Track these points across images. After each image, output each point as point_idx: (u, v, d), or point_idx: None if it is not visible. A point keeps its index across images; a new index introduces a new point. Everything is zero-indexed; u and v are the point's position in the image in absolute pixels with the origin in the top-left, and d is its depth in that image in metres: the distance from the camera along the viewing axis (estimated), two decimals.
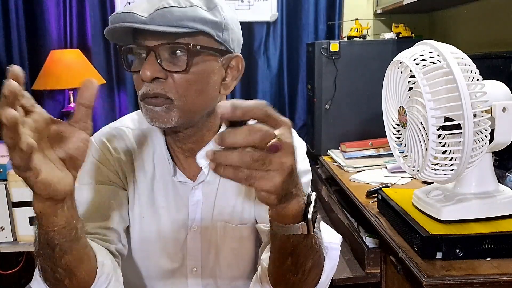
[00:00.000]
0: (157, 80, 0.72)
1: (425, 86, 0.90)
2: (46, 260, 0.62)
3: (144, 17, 0.68)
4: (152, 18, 0.68)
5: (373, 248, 1.38)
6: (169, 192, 0.86)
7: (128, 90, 2.28)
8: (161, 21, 0.68)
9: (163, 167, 0.86)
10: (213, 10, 0.74)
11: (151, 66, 0.71)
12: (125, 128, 0.88)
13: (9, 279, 2.13)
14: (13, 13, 2.16)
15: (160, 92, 0.72)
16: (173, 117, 0.74)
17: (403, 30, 2.02)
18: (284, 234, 0.58)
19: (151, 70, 0.70)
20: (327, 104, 1.98)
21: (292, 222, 0.56)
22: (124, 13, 0.69)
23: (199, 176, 0.85)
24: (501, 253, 0.95)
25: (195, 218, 0.86)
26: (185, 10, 0.70)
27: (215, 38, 0.74)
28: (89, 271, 0.66)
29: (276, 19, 2.24)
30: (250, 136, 0.45)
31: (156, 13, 0.68)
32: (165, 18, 0.69)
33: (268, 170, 0.47)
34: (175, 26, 0.69)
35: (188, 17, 0.70)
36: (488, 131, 0.92)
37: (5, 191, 1.87)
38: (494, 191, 1.03)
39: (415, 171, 1.01)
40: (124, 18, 0.69)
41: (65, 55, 2.04)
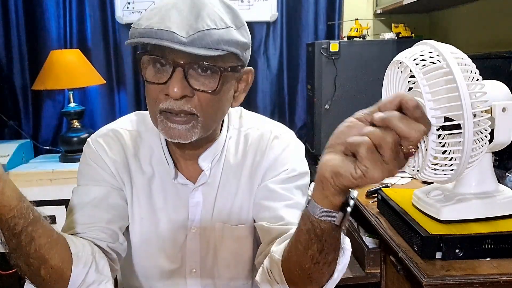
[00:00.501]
0: (184, 97, 0.71)
1: (425, 86, 0.90)
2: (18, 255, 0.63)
3: (184, 37, 0.67)
4: (192, 40, 0.67)
5: (373, 248, 1.38)
6: (169, 193, 0.86)
7: (127, 90, 2.28)
8: (199, 44, 0.67)
9: (162, 169, 0.85)
10: (240, 29, 0.74)
11: (179, 83, 0.69)
12: (121, 129, 0.88)
13: (9, 279, 2.13)
14: (13, 13, 2.16)
15: (187, 109, 0.71)
16: (195, 134, 0.74)
17: (403, 30, 2.02)
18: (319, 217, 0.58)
19: (180, 87, 0.69)
20: (327, 104, 1.98)
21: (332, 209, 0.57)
22: (162, 30, 0.67)
23: (200, 178, 0.85)
24: (501, 253, 0.95)
25: (195, 219, 0.86)
26: (221, 33, 0.69)
27: (240, 58, 0.75)
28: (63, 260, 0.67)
29: (276, 19, 2.24)
30: (408, 129, 0.47)
31: (197, 35, 0.67)
32: (204, 41, 0.68)
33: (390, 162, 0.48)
34: (212, 49, 0.68)
35: (224, 41, 0.69)
36: (488, 131, 0.92)
37: None
38: (494, 191, 1.03)
39: (415, 171, 1.01)
40: (161, 35, 0.67)
41: (65, 55, 2.03)
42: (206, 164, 0.84)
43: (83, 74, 2.03)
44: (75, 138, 2.02)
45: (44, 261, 0.64)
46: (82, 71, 2.03)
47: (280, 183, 0.85)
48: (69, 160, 2.00)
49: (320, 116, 2.01)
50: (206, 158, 0.84)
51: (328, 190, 0.55)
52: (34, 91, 2.17)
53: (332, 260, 0.66)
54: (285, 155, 0.87)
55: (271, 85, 2.32)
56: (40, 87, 2.00)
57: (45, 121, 2.28)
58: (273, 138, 0.88)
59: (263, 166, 0.87)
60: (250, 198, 0.87)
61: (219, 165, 0.86)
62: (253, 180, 0.87)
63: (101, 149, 0.85)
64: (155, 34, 0.67)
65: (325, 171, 0.53)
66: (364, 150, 0.48)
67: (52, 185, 1.84)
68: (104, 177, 0.84)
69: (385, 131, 0.47)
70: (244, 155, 0.88)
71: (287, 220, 0.80)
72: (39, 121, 2.27)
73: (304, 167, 0.89)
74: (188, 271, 0.88)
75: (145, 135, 0.87)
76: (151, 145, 0.86)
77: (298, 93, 2.34)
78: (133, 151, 0.86)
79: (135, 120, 0.90)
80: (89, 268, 0.71)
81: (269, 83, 2.31)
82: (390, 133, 0.47)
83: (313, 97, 2.03)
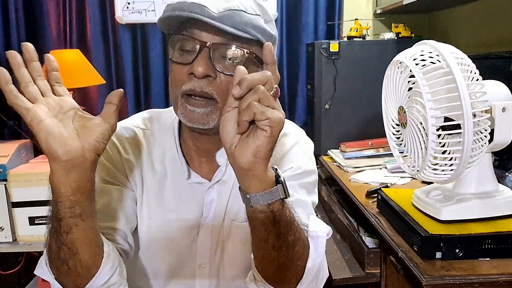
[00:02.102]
0: (207, 78, 0.71)
1: (425, 86, 0.90)
2: (53, 235, 0.64)
3: (214, 13, 0.68)
4: (221, 16, 0.68)
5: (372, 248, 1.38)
6: (182, 193, 0.86)
7: (127, 90, 2.28)
8: (228, 22, 0.69)
9: (175, 168, 0.85)
10: (269, 23, 0.76)
11: (204, 62, 0.70)
12: (135, 128, 0.88)
13: (8, 279, 2.13)
14: (13, 13, 2.16)
15: (208, 91, 0.71)
16: (213, 119, 0.74)
17: (402, 30, 2.02)
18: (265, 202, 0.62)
19: (204, 66, 0.70)
20: (327, 104, 1.98)
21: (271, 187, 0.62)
22: (194, 3, 0.68)
23: (216, 175, 0.85)
24: (501, 253, 0.95)
25: (208, 216, 0.86)
26: (251, 17, 0.71)
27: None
28: (93, 256, 0.67)
29: (276, 19, 2.24)
30: (262, 78, 0.58)
31: (227, 13, 0.69)
32: (233, 20, 0.69)
33: (274, 108, 0.58)
34: (241, 30, 0.70)
35: (253, 25, 0.71)
36: (488, 131, 0.92)
37: (5, 191, 1.86)
38: (494, 191, 1.03)
39: (414, 171, 1.01)
40: (193, 8, 0.68)
41: (65, 55, 2.03)
42: (223, 160, 0.84)
43: (83, 74, 2.03)
44: None
45: (74, 254, 0.65)
46: (82, 71, 2.03)
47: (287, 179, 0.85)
48: None
49: (320, 116, 2.01)
50: (223, 154, 0.83)
51: (258, 170, 0.60)
52: None
53: (294, 241, 0.68)
54: (292, 152, 0.87)
55: None
56: None
57: None
58: (282, 135, 0.88)
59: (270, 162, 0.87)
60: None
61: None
62: None
63: (114, 147, 0.84)
64: (187, 7, 0.69)
65: (245, 159, 0.59)
66: (257, 106, 0.57)
67: None
68: (115, 175, 0.83)
69: (252, 91, 0.58)
70: None
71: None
72: None
73: (311, 165, 0.89)
74: (197, 266, 0.88)
75: (158, 134, 0.87)
76: (164, 145, 0.86)
77: (298, 93, 2.33)
78: (146, 150, 0.86)
79: (148, 118, 0.90)
80: (115, 270, 0.71)
81: None
82: (256, 90, 0.58)
83: (313, 97, 2.03)
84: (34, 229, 1.86)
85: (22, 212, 1.85)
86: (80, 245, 0.64)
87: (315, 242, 0.75)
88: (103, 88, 2.27)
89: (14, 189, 1.84)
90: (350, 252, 1.48)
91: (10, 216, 1.88)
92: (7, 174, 1.85)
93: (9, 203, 1.87)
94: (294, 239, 0.68)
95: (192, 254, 0.87)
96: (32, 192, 1.84)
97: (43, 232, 0.68)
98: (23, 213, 1.85)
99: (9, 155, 1.92)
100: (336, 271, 1.37)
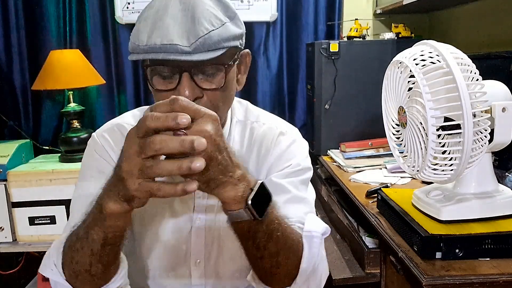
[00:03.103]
0: (196, 99, 0.73)
1: (425, 86, 0.90)
2: (87, 255, 0.66)
3: (187, 47, 0.69)
4: (195, 48, 0.69)
5: (372, 248, 1.38)
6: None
7: (127, 90, 2.28)
8: (202, 49, 0.70)
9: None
10: (234, 20, 0.76)
11: (189, 86, 0.71)
12: (126, 124, 0.90)
13: (8, 279, 2.13)
14: (13, 13, 2.16)
15: None
16: None
17: (402, 30, 2.02)
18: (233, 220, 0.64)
19: (190, 90, 0.71)
20: (326, 104, 1.98)
21: (236, 209, 0.62)
22: (165, 45, 0.69)
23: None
24: (501, 253, 0.95)
25: (200, 211, 0.88)
26: (220, 32, 0.71)
27: (239, 47, 0.78)
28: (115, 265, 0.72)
29: (276, 19, 2.24)
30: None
31: (199, 42, 0.69)
32: (206, 45, 0.70)
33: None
34: (214, 50, 0.71)
35: (224, 39, 0.72)
36: (488, 131, 0.92)
37: (5, 191, 1.87)
38: (494, 191, 1.03)
39: (414, 171, 1.01)
40: (165, 49, 0.69)
41: (65, 55, 2.03)
42: None
43: (83, 74, 2.03)
44: (75, 138, 2.01)
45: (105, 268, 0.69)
46: (82, 71, 2.03)
47: (285, 177, 0.86)
48: (69, 160, 1.99)
49: (320, 116, 2.01)
50: None
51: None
52: (34, 91, 2.17)
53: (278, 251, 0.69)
54: (290, 150, 0.89)
55: (271, 85, 2.32)
56: (40, 87, 2.00)
57: (45, 121, 2.28)
58: (279, 134, 0.90)
59: (268, 161, 0.89)
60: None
61: None
62: (258, 174, 0.88)
63: (107, 143, 0.86)
64: (159, 49, 0.69)
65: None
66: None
67: (52, 185, 1.83)
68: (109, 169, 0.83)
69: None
70: (249, 148, 0.90)
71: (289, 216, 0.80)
72: (39, 121, 2.27)
73: (308, 163, 0.91)
74: (192, 262, 0.89)
75: None
76: None
77: (298, 93, 2.33)
78: None
79: (139, 115, 0.92)
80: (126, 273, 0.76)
81: (269, 83, 2.31)
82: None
83: (313, 97, 2.03)
84: (34, 229, 1.86)
85: (22, 212, 1.86)
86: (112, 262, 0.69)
87: (309, 242, 0.76)
88: (103, 88, 2.27)
89: (14, 189, 1.84)
90: (350, 252, 1.47)
91: (10, 216, 1.88)
92: (7, 174, 1.85)
93: (9, 203, 1.87)
94: (277, 249, 0.69)
95: (187, 249, 0.88)
96: (32, 192, 1.84)
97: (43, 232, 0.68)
98: (23, 213, 1.86)
99: (9, 155, 1.92)
100: (336, 271, 1.37)
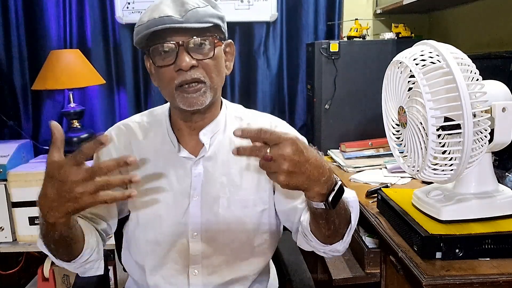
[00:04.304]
0: (192, 68, 0.88)
1: (425, 86, 0.90)
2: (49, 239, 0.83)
3: (179, 17, 0.86)
4: (186, 18, 0.86)
5: (372, 248, 1.38)
6: (173, 167, 0.99)
7: (127, 90, 2.28)
8: (192, 19, 0.86)
9: (167, 146, 1.00)
10: (216, 7, 0.93)
11: (186, 56, 0.87)
12: (131, 122, 1.05)
13: (8, 279, 2.13)
14: (12, 13, 2.16)
15: (197, 77, 0.89)
16: (207, 98, 0.92)
17: (402, 30, 2.02)
18: (312, 207, 0.80)
19: (187, 60, 0.87)
20: (327, 104, 1.98)
21: (318, 201, 0.77)
22: (162, 17, 0.85)
23: (201, 152, 0.99)
24: (501, 253, 0.95)
25: (196, 188, 0.99)
26: (205, 10, 0.89)
27: (222, 29, 0.94)
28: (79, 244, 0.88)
29: (276, 19, 2.24)
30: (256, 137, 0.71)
31: (189, 14, 0.86)
32: (194, 17, 0.87)
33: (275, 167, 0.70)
34: (202, 22, 0.88)
35: (209, 15, 0.89)
36: (488, 131, 0.92)
37: (5, 191, 1.87)
38: (494, 191, 1.03)
39: (414, 171, 1.01)
40: (163, 21, 0.85)
41: (65, 55, 2.03)
42: (205, 139, 0.99)
43: (83, 74, 2.03)
44: (75, 138, 2.02)
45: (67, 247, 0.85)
46: (82, 71, 2.03)
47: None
48: None
49: (320, 116, 2.01)
50: (206, 133, 0.99)
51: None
52: (34, 91, 2.17)
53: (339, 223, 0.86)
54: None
55: (271, 85, 2.32)
56: (40, 87, 2.00)
57: (45, 121, 2.28)
58: (274, 127, 1.05)
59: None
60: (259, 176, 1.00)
61: (222, 144, 1.01)
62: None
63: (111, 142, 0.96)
64: (158, 21, 0.85)
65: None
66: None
67: None
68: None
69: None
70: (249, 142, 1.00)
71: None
72: (39, 121, 2.27)
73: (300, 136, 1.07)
74: (190, 235, 0.99)
75: (153, 123, 1.04)
76: (157, 129, 1.03)
77: (298, 93, 2.33)
78: (140, 137, 1.02)
79: (145, 114, 1.07)
80: (93, 251, 0.92)
81: (269, 83, 2.31)
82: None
83: (313, 97, 2.03)
84: (34, 229, 1.86)
85: (22, 212, 1.86)
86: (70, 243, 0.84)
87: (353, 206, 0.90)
88: (102, 88, 2.27)
89: (14, 189, 1.84)
90: (350, 252, 1.48)
91: (10, 216, 1.89)
92: (7, 174, 1.85)
93: (9, 203, 1.87)
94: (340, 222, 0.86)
95: (186, 223, 0.99)
96: (32, 192, 1.84)
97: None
98: (23, 213, 1.86)
99: (9, 155, 1.92)
100: (336, 271, 1.37)
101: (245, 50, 2.26)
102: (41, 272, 1.99)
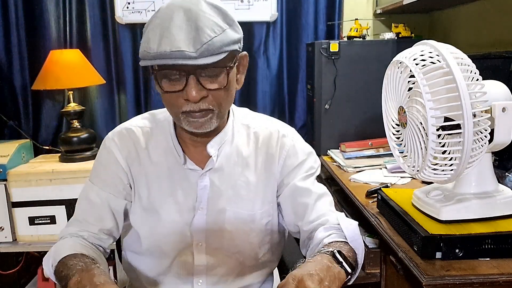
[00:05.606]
0: (202, 98, 0.83)
1: (425, 86, 0.90)
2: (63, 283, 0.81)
3: (193, 53, 0.76)
4: (200, 53, 0.77)
5: (372, 248, 1.38)
6: (178, 178, 0.96)
7: (127, 90, 2.28)
8: (207, 54, 0.77)
9: (172, 157, 0.96)
10: (233, 26, 0.84)
11: (195, 87, 0.81)
12: (133, 127, 1.00)
13: (8, 279, 2.13)
14: (12, 13, 2.16)
15: (205, 107, 0.84)
16: (213, 123, 0.87)
17: (402, 30, 2.02)
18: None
19: (197, 91, 0.81)
20: (327, 104, 1.98)
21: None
22: (174, 51, 0.76)
23: (208, 164, 0.95)
24: (500, 253, 0.95)
25: (202, 201, 0.96)
26: (221, 39, 0.79)
27: (238, 50, 0.87)
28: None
29: (276, 19, 2.24)
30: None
31: (204, 48, 0.77)
32: (209, 51, 0.77)
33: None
34: (217, 54, 0.79)
35: (225, 44, 0.80)
36: (488, 131, 0.92)
37: (5, 191, 1.87)
38: (494, 191, 1.03)
39: (414, 171, 1.01)
40: (174, 55, 0.76)
41: (65, 55, 2.03)
42: (213, 151, 0.95)
43: (83, 74, 2.03)
44: (75, 138, 2.02)
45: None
46: (82, 71, 2.03)
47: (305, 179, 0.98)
48: (69, 160, 2.00)
49: (320, 116, 2.01)
50: (213, 145, 0.95)
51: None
52: (34, 91, 2.17)
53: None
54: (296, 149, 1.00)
55: (271, 85, 2.32)
56: (40, 87, 2.00)
57: (45, 121, 2.28)
58: (282, 136, 1.00)
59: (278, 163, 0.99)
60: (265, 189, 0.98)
61: (229, 155, 0.97)
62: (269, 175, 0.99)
63: (115, 147, 0.97)
64: (168, 55, 0.77)
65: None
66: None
67: (52, 185, 1.84)
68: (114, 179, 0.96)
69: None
70: (257, 151, 0.99)
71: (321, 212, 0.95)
72: (39, 121, 2.27)
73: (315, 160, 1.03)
74: (194, 245, 0.97)
75: (156, 130, 0.99)
76: (160, 138, 0.98)
77: (298, 93, 2.33)
78: (144, 145, 0.98)
79: (147, 118, 1.02)
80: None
81: (269, 83, 2.31)
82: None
83: (313, 97, 2.03)
84: (34, 229, 1.86)
85: (22, 212, 1.86)
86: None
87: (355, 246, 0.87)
88: (103, 88, 2.27)
89: (14, 189, 1.84)
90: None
91: (10, 216, 1.89)
92: (7, 174, 1.85)
93: (9, 203, 1.87)
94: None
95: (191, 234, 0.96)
96: (32, 192, 1.84)
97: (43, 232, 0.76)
98: (23, 213, 1.86)
99: (9, 155, 1.92)
100: None
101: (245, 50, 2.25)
102: (41, 272, 1.99)
